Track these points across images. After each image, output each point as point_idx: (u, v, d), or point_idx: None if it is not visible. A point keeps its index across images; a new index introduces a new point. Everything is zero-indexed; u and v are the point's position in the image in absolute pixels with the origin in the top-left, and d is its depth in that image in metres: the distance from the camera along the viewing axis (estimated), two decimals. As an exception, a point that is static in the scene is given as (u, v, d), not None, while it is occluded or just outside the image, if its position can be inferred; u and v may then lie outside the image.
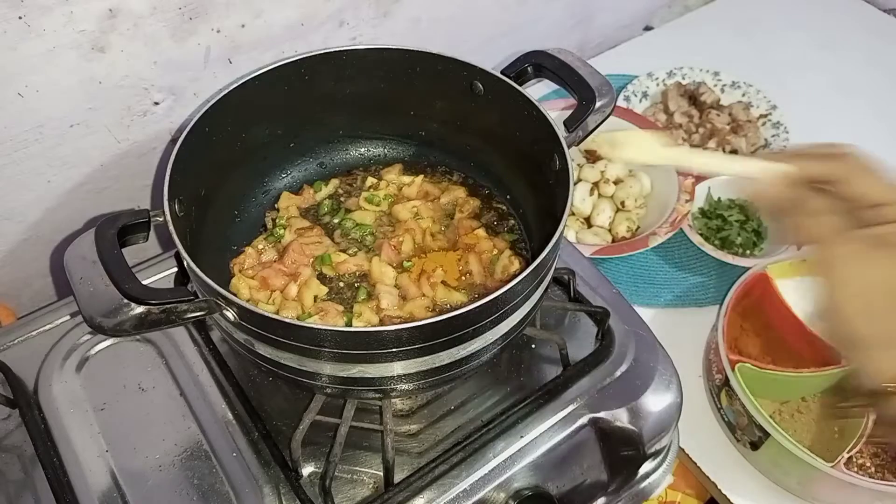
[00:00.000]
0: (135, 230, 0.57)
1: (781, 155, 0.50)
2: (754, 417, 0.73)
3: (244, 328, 0.55)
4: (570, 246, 0.82)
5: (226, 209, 0.74)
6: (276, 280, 0.69)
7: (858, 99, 1.18)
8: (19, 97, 0.71)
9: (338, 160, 0.81)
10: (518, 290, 0.55)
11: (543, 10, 1.13)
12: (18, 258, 0.84)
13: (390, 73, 0.73)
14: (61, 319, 0.73)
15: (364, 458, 0.64)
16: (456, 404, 0.68)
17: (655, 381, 0.69)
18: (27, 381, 0.69)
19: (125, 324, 0.49)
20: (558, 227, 0.57)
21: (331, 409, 0.62)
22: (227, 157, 0.71)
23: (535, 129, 0.66)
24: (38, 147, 0.75)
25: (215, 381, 0.69)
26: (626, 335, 0.72)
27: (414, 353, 0.54)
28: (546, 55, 0.69)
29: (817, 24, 1.32)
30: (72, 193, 0.82)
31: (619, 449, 0.68)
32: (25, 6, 0.66)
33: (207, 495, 0.61)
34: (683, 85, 1.15)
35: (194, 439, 0.65)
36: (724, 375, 0.76)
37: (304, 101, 0.74)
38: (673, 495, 0.84)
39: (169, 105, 0.82)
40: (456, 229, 0.75)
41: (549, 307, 0.74)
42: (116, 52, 0.74)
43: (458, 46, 1.05)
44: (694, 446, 0.80)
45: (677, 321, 0.91)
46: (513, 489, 0.62)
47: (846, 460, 0.71)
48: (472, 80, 0.70)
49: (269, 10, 0.81)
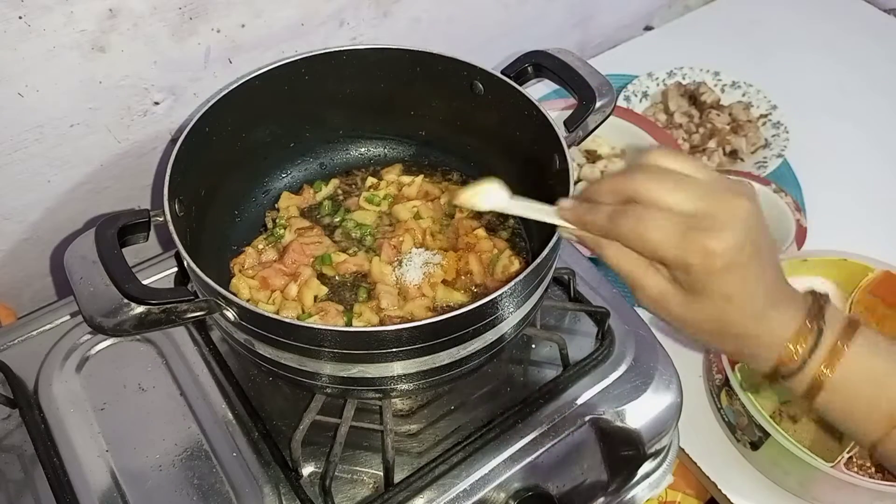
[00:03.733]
0: (135, 230, 0.57)
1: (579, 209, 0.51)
2: (754, 417, 0.73)
3: (244, 328, 0.55)
4: (570, 246, 0.82)
5: (226, 209, 0.74)
6: (276, 280, 0.69)
7: (858, 99, 1.18)
8: (19, 97, 0.71)
9: (338, 160, 0.81)
10: (518, 289, 0.55)
11: (543, 10, 1.13)
12: (18, 258, 0.84)
13: (390, 73, 0.73)
14: (61, 319, 0.73)
15: (364, 458, 0.64)
16: (456, 404, 0.68)
17: (655, 381, 0.69)
18: (27, 381, 0.69)
19: (125, 324, 0.49)
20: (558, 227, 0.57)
21: (331, 409, 0.62)
22: (227, 157, 0.71)
23: (535, 129, 0.66)
24: (38, 147, 0.75)
25: (215, 381, 0.69)
26: (626, 335, 0.72)
27: (414, 353, 0.54)
28: (546, 55, 0.69)
29: (817, 24, 1.32)
30: (72, 193, 0.82)
31: (619, 449, 0.68)
32: (25, 6, 0.66)
33: (207, 495, 0.61)
34: (683, 85, 1.15)
35: (194, 439, 0.65)
36: (724, 375, 0.76)
37: (304, 101, 0.74)
38: (673, 495, 0.84)
39: (169, 105, 0.82)
40: (456, 229, 0.75)
41: (549, 307, 0.74)
42: (116, 52, 0.74)
43: (458, 46, 1.05)
44: (694, 446, 0.80)
45: (677, 321, 0.91)
46: (513, 489, 0.62)
47: (846, 460, 0.71)
48: (472, 80, 0.70)
49: (269, 10, 0.81)
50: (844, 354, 0.48)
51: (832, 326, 0.49)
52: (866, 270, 0.82)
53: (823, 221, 0.98)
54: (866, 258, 0.83)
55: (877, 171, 1.08)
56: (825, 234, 0.96)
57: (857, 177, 1.07)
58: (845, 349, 0.48)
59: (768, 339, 0.49)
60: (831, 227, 0.98)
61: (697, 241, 0.45)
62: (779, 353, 0.49)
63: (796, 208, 0.96)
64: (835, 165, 1.08)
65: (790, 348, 0.48)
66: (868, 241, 0.89)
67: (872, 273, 0.82)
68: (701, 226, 0.45)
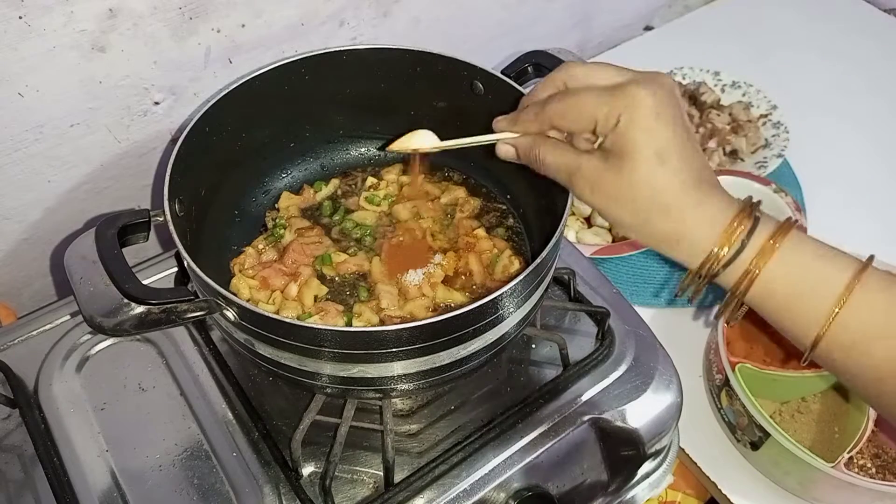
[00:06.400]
0: (135, 230, 0.57)
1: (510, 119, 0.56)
2: (754, 417, 0.73)
3: (244, 328, 0.55)
4: (570, 246, 0.82)
5: (226, 209, 0.74)
6: (277, 280, 0.69)
7: (858, 99, 1.18)
8: (19, 97, 0.71)
9: (338, 160, 0.81)
10: (518, 290, 0.55)
11: (543, 9, 1.13)
12: (18, 258, 0.84)
13: (390, 73, 0.73)
14: (61, 319, 0.73)
15: (364, 458, 0.64)
16: (456, 404, 0.68)
17: (655, 381, 0.69)
18: (27, 381, 0.69)
19: (125, 324, 0.49)
20: (558, 226, 0.57)
21: (331, 409, 0.62)
22: (227, 157, 0.71)
23: (535, 129, 0.66)
24: (38, 147, 0.76)
25: (215, 381, 0.69)
26: (626, 335, 0.72)
27: (414, 353, 0.54)
28: (546, 55, 0.69)
29: (817, 23, 1.32)
30: (72, 193, 0.82)
31: (619, 449, 0.68)
32: (25, 6, 0.66)
33: (207, 495, 0.61)
34: (683, 85, 1.15)
35: (194, 439, 0.65)
36: (724, 375, 0.76)
37: (304, 101, 0.74)
38: (673, 495, 0.84)
39: (169, 105, 0.82)
40: (456, 229, 0.75)
41: (549, 307, 0.74)
42: (116, 52, 0.74)
43: (458, 46, 1.05)
44: (694, 446, 0.80)
45: (677, 321, 0.91)
46: (513, 489, 0.62)
47: (847, 460, 0.71)
48: (472, 80, 0.70)
49: (269, 10, 0.81)
50: (777, 251, 0.48)
51: (767, 223, 0.49)
52: (866, 270, 0.82)
53: (823, 221, 0.98)
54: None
55: (877, 171, 1.08)
56: (825, 234, 0.94)
57: (857, 177, 1.07)
58: (777, 246, 0.49)
59: (703, 222, 0.49)
60: (831, 227, 0.97)
61: (625, 90, 0.48)
62: (714, 240, 0.49)
63: (796, 208, 0.96)
64: (835, 165, 1.08)
65: (726, 234, 0.48)
66: (868, 241, 0.89)
67: (872, 273, 0.82)
68: (627, 83, 0.49)
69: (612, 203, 0.50)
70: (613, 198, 0.50)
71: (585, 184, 0.51)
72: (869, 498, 0.70)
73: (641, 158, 0.48)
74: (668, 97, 0.48)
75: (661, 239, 0.51)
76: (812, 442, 0.79)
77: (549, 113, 0.51)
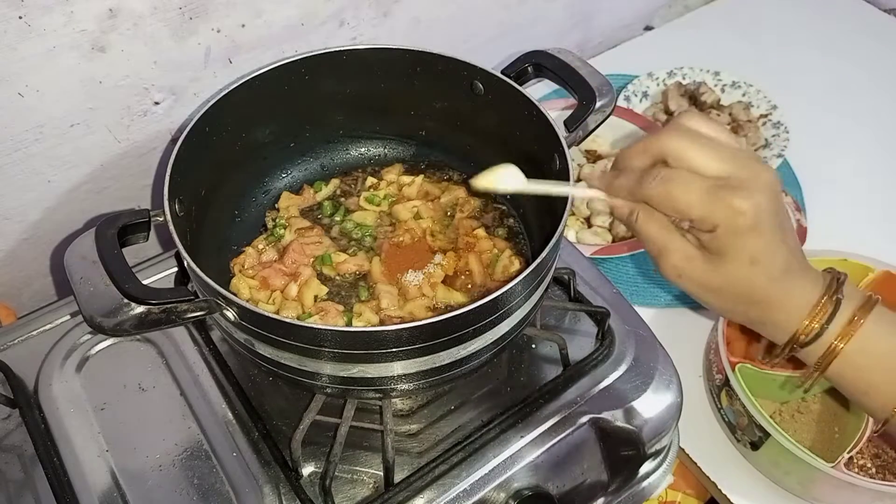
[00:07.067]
0: (135, 230, 0.57)
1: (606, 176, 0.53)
2: (754, 417, 0.73)
3: (244, 328, 0.55)
4: (570, 246, 0.82)
5: (226, 209, 0.74)
6: (277, 280, 0.69)
7: (858, 99, 1.18)
8: (19, 97, 0.71)
9: (338, 160, 0.81)
10: (518, 290, 0.55)
11: (543, 9, 1.13)
12: (18, 258, 0.84)
13: (390, 73, 0.73)
14: (61, 319, 0.73)
15: (364, 458, 0.64)
16: (456, 404, 0.68)
17: (655, 381, 0.69)
18: (27, 381, 0.69)
19: (125, 324, 0.49)
20: (558, 226, 0.57)
21: (331, 409, 0.62)
22: (227, 157, 0.71)
23: (535, 129, 0.66)
24: (38, 147, 0.76)
25: (215, 381, 0.69)
26: (626, 335, 0.72)
27: (414, 353, 0.54)
28: (546, 55, 0.69)
29: (817, 24, 1.32)
30: (72, 193, 0.82)
31: (619, 449, 0.68)
32: (25, 6, 0.66)
33: (207, 495, 0.61)
34: (684, 85, 1.15)
35: (194, 439, 0.65)
36: (724, 375, 0.76)
37: (304, 101, 0.74)
38: (673, 495, 0.84)
39: (169, 105, 0.82)
40: (456, 229, 0.75)
41: (549, 307, 0.74)
42: (116, 52, 0.74)
43: (458, 46, 1.05)
44: (694, 446, 0.80)
45: (677, 321, 0.91)
46: (513, 489, 0.62)
47: (847, 460, 0.71)
48: (472, 80, 0.70)
49: (269, 10, 0.81)
50: (860, 327, 0.50)
51: (850, 300, 0.50)
52: (866, 270, 0.82)
53: (823, 221, 0.98)
54: (866, 258, 0.83)
55: (877, 171, 1.08)
56: (825, 234, 0.96)
57: (858, 177, 1.07)
58: (861, 322, 0.50)
59: (789, 307, 0.50)
60: (831, 227, 0.98)
61: (725, 200, 0.46)
62: (798, 322, 0.50)
63: (796, 208, 0.96)
64: (835, 165, 1.08)
65: (809, 317, 0.50)
66: (868, 241, 0.89)
67: (872, 273, 0.82)
68: (728, 186, 0.46)
69: (700, 289, 0.51)
70: (702, 285, 0.51)
71: (673, 267, 0.51)
72: (869, 498, 0.70)
73: (735, 262, 0.48)
74: (768, 203, 0.47)
75: (748, 322, 0.53)
76: (812, 442, 0.79)
77: (646, 194, 0.49)
